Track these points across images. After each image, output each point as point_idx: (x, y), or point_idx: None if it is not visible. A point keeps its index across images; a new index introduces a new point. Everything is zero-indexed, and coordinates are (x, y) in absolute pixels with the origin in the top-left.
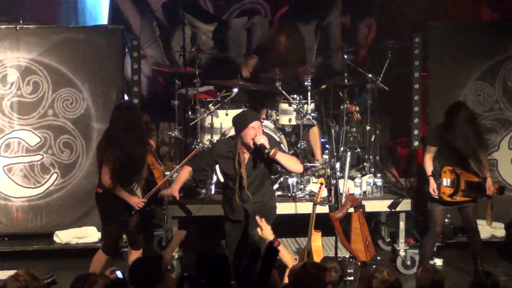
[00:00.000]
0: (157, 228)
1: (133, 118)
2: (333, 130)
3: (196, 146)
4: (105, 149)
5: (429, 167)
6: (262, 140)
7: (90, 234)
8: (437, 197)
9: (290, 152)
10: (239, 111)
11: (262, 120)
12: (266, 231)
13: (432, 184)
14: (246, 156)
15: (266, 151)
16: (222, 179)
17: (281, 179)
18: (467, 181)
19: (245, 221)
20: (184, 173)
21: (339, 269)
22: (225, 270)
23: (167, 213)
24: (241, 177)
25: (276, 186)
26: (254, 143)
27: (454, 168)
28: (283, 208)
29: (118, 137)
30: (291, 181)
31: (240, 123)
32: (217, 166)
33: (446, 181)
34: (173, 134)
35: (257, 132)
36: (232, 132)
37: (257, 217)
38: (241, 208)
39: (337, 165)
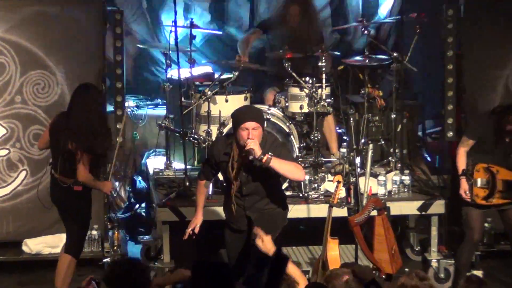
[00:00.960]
0: (143, 235)
1: (98, 102)
2: (352, 119)
3: (191, 139)
4: (79, 139)
5: (461, 163)
6: (252, 145)
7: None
8: (469, 200)
9: (301, 145)
10: (241, 97)
11: (268, 107)
12: (266, 243)
13: (463, 185)
14: (244, 158)
15: (251, 158)
16: (222, 178)
17: None
18: (505, 181)
19: (248, 230)
20: (201, 191)
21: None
22: (224, 281)
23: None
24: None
25: (285, 186)
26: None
27: (489, 165)
28: (294, 211)
29: (88, 124)
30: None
31: (234, 121)
32: None
33: (479, 181)
34: (163, 125)
35: (250, 135)
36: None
37: (255, 228)
38: (243, 215)
39: (357, 160)
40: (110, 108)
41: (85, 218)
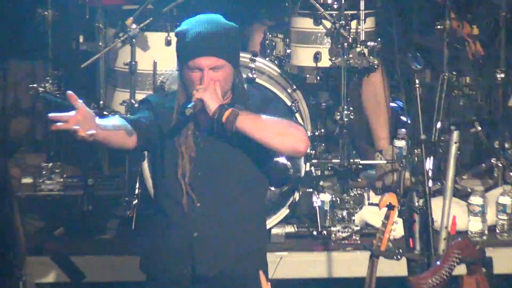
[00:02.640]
0: None
1: None
2: (418, 82)
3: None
4: None
5: None
6: (200, 93)
7: None
8: None
9: (317, 132)
10: None
11: (251, 57)
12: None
13: None
14: (202, 124)
15: (193, 132)
16: (151, 190)
17: (296, 195)
18: None
19: (193, 279)
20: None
21: None
22: None
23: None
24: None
25: (282, 214)
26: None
27: None
28: (301, 266)
29: None
30: (319, 201)
31: (177, 50)
32: None
33: None
34: (40, 90)
35: (205, 79)
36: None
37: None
38: (188, 244)
39: (429, 163)
40: None
41: None
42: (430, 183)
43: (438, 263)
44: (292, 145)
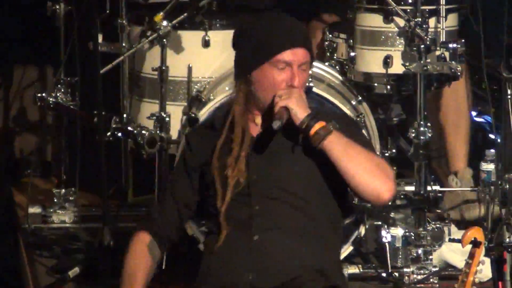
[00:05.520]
0: None
1: None
2: (510, 92)
3: (119, 136)
4: None
5: None
6: (285, 100)
7: None
8: None
9: (387, 153)
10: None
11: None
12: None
13: None
14: (257, 131)
15: (276, 128)
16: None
17: (361, 229)
18: None
19: None
20: (138, 261)
21: None
22: None
23: None
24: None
25: (344, 252)
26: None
27: None
28: None
29: None
30: (389, 237)
31: (253, 50)
32: None
33: None
34: (50, 100)
35: (297, 80)
36: (220, 94)
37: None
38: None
39: None
40: None
41: None
42: None
43: None
44: (377, 189)
